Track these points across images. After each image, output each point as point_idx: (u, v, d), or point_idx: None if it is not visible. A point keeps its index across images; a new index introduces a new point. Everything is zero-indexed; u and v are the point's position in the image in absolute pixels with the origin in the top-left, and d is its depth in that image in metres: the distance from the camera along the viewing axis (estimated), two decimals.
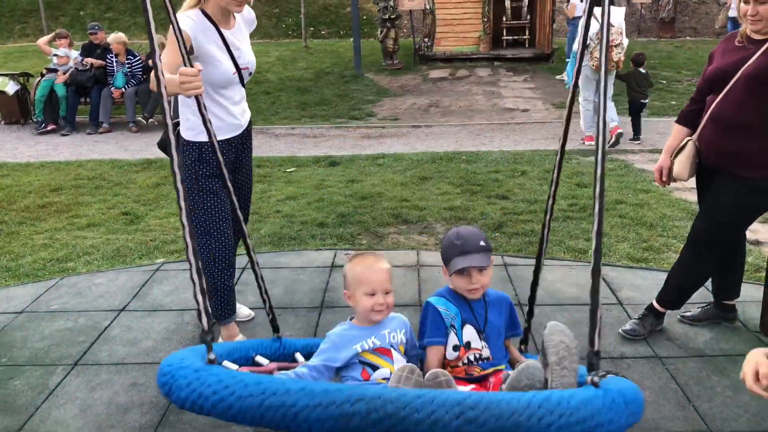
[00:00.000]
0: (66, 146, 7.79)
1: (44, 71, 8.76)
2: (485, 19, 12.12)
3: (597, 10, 5.94)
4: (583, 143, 7.35)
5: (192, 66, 2.09)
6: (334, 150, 7.36)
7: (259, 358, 2.22)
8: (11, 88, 8.66)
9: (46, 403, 2.70)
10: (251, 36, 2.97)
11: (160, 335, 3.22)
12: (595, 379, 1.54)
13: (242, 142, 2.90)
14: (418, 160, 6.65)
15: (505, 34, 12.87)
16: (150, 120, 8.60)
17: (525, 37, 12.92)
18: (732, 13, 9.66)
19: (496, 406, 1.45)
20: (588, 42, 6.79)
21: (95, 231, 4.78)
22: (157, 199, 5.53)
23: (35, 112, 8.60)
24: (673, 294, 3.12)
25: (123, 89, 8.57)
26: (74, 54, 8.77)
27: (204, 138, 2.65)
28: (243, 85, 2.85)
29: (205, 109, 2.17)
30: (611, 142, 7.04)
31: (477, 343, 2.09)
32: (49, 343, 3.15)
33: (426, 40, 12.60)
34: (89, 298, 3.63)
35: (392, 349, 2.02)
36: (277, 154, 7.12)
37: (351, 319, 2.13)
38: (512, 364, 2.14)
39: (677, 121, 3.08)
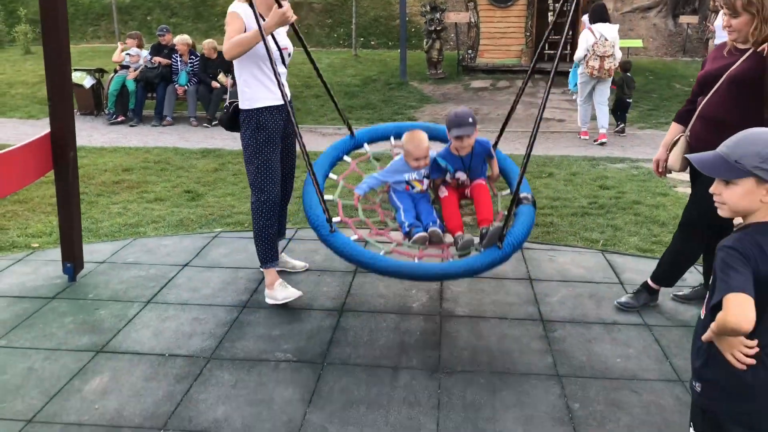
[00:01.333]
0: (134, 135, 8.56)
1: (118, 68, 9.60)
2: (528, 34, 12.54)
3: (595, 26, 6.90)
4: (579, 137, 8.45)
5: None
6: (375, 148, 7.88)
7: (346, 158, 3.75)
8: (88, 82, 9.52)
9: (125, 327, 3.29)
10: (308, 41, 3.58)
11: (217, 285, 3.79)
12: (499, 245, 3.01)
13: (287, 113, 3.43)
14: None
15: (547, 48, 13.27)
16: (214, 122, 9.19)
17: (566, 51, 13.26)
18: (718, 40, 9.95)
19: (450, 266, 3.09)
20: (585, 53, 7.82)
21: (161, 204, 5.43)
22: (215, 181, 6.17)
23: (108, 105, 9.42)
24: (665, 272, 3.52)
25: (186, 86, 9.33)
26: (144, 53, 9.59)
27: (260, 104, 3.33)
28: (284, 64, 3.44)
29: (273, 72, 3.09)
30: (595, 143, 8.29)
31: (464, 177, 3.41)
32: (126, 286, 3.76)
33: (470, 51, 13.08)
34: (158, 255, 4.24)
35: (423, 180, 3.45)
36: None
37: (410, 162, 3.41)
38: (491, 178, 3.53)
39: (674, 120, 3.50)
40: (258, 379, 2.86)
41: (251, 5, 3.10)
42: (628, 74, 8.73)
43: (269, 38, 3.21)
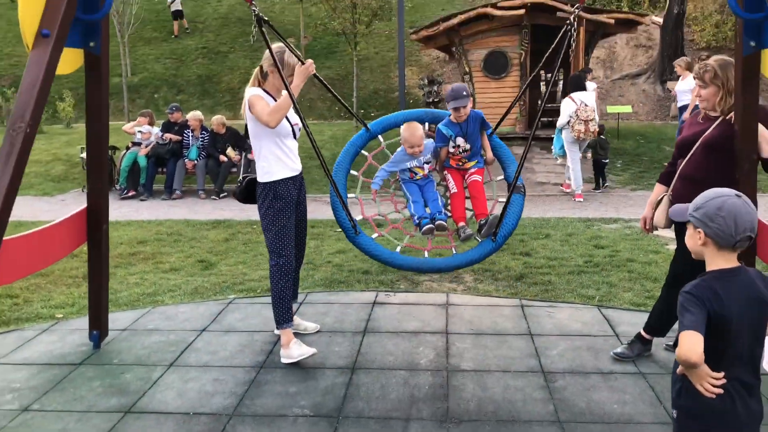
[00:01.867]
0: (145, 209, 8.91)
1: (130, 144, 10.06)
2: (521, 103, 13.11)
3: (574, 94, 7.58)
4: (574, 200, 9.09)
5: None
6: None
7: (364, 152, 4.24)
8: None
9: (150, 389, 3.49)
10: (307, 116, 4.02)
11: (234, 348, 4.00)
12: (492, 238, 3.70)
13: (300, 183, 3.88)
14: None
15: (540, 116, 13.83)
16: (222, 195, 9.63)
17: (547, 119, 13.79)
18: (680, 102, 10.69)
19: (453, 259, 3.83)
20: (568, 119, 8.61)
21: (176, 274, 5.69)
22: (226, 250, 6.46)
23: (119, 180, 9.83)
24: (656, 323, 3.75)
25: (195, 161, 9.76)
26: (155, 130, 10.08)
27: (276, 177, 3.70)
28: (295, 138, 3.85)
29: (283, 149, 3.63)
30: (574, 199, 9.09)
31: (463, 143, 3.92)
32: (149, 351, 3.98)
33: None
34: (176, 321, 4.47)
35: (424, 166, 3.99)
36: (329, 217, 7.99)
37: (407, 150, 3.93)
38: (482, 147, 4.00)
39: (658, 181, 3.82)
40: None
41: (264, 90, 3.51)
42: (602, 137, 9.52)
43: (284, 120, 3.62)
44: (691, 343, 1.78)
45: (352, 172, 4.13)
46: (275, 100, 3.67)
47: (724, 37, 17.96)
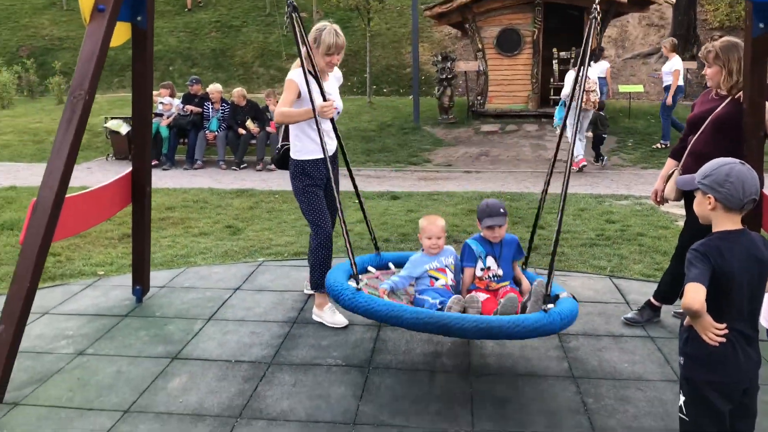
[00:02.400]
0: (168, 178, 9.18)
1: (152, 115, 10.27)
2: (534, 80, 13.24)
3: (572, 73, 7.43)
4: (574, 169, 9.34)
5: (325, 99, 3.30)
6: (395, 188, 8.47)
7: (370, 268, 3.73)
8: (124, 129, 10.21)
9: (193, 339, 3.77)
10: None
11: (267, 305, 4.28)
12: (545, 307, 2.99)
13: (332, 161, 3.92)
14: (468, 197, 7.68)
15: (552, 93, 13.96)
16: (242, 165, 9.90)
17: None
18: (664, 83, 10.96)
19: (489, 322, 2.92)
20: (569, 90, 8.91)
21: (206, 238, 5.97)
22: (252, 218, 6.73)
23: None
24: (665, 290, 3.99)
25: (216, 132, 10.00)
26: (176, 102, 10.30)
27: (306, 157, 3.84)
28: (333, 122, 3.88)
29: (318, 133, 3.46)
30: (576, 170, 9.30)
31: (494, 266, 3.53)
32: (188, 306, 4.26)
33: (479, 98, 13.79)
34: (211, 281, 4.75)
35: (446, 268, 3.52)
36: (346, 189, 8.25)
37: (422, 250, 3.49)
38: (515, 279, 3.62)
39: (669, 156, 4.03)
40: (314, 379, 3.32)
41: (307, 75, 3.49)
42: (602, 113, 9.90)
43: (318, 94, 3.58)
44: (695, 293, 2.02)
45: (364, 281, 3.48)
46: (316, 79, 3.61)
47: (738, 17, 17.90)
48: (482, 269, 3.48)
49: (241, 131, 9.93)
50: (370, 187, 8.46)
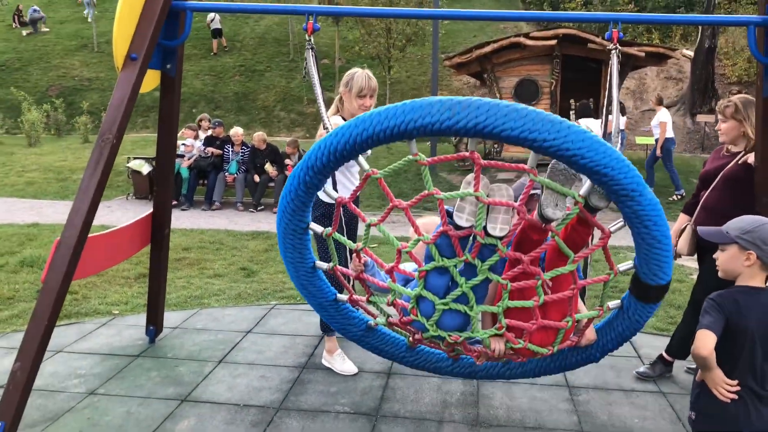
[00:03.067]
0: (186, 218, 9.32)
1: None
2: None
3: (580, 120, 7.89)
4: None
5: None
6: (408, 233, 8.50)
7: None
8: (145, 169, 10.43)
9: (203, 382, 3.80)
10: None
11: (278, 349, 4.30)
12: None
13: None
14: None
15: None
16: (259, 207, 10.07)
17: None
18: (655, 135, 11.41)
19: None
20: None
21: (221, 280, 6.04)
22: (267, 260, 6.80)
23: None
24: (677, 345, 3.96)
25: (235, 175, 10.19)
26: (198, 144, 10.54)
27: (328, 200, 3.88)
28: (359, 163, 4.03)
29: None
30: None
31: None
32: (199, 348, 4.29)
33: (495, 146, 13.92)
34: (223, 323, 4.79)
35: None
36: (360, 233, 8.33)
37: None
38: None
39: (682, 211, 4.06)
40: (322, 426, 3.32)
41: (343, 118, 3.71)
42: None
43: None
44: (703, 339, 2.04)
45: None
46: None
47: (756, 72, 18.04)
48: None
49: (257, 178, 10.08)
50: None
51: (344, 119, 3.80)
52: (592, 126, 9.54)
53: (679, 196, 10.90)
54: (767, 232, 2.14)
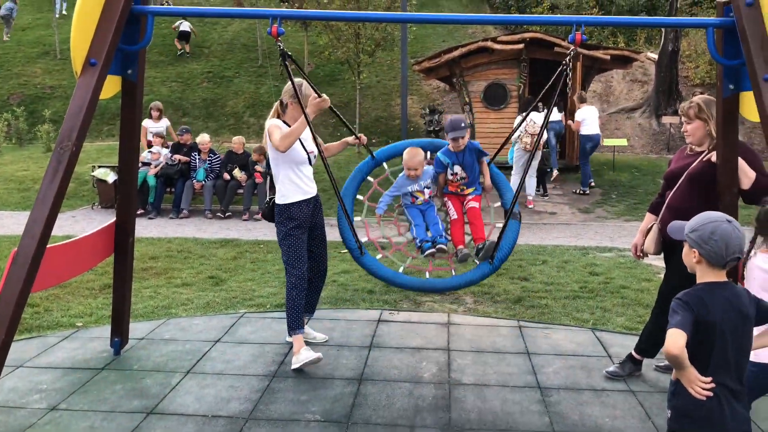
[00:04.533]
0: (153, 227, 9.16)
1: (140, 164, 10.33)
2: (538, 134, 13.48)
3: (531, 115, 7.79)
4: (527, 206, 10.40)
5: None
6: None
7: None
8: (111, 177, 10.22)
9: (170, 393, 3.71)
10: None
11: (247, 358, 4.23)
12: (489, 261, 3.99)
13: (314, 205, 4.21)
14: None
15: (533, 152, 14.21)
16: (228, 214, 9.97)
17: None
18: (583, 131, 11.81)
19: (452, 280, 4.15)
20: (518, 133, 9.93)
21: (188, 289, 5.93)
22: (235, 268, 6.70)
23: None
24: (645, 342, 4.00)
25: (203, 182, 10.04)
26: (165, 151, 10.37)
27: (290, 200, 4.04)
28: (310, 164, 4.17)
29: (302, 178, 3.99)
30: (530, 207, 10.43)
31: (460, 171, 4.15)
32: (166, 359, 4.20)
33: None
34: (191, 332, 4.69)
35: (423, 190, 4.21)
36: (333, 239, 8.27)
37: (407, 173, 4.19)
38: (482, 174, 4.23)
39: (648, 210, 4.11)
40: None
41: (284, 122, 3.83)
42: (545, 149, 11.21)
43: (297, 143, 3.96)
44: (674, 338, 2.05)
45: (358, 197, 4.39)
46: (288, 126, 4.02)
47: (717, 75, 18.45)
48: (451, 174, 4.19)
49: (226, 176, 10.01)
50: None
51: (286, 123, 4.07)
52: (535, 118, 10.27)
53: (582, 192, 11.61)
54: (707, 231, 2.17)
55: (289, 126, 4.02)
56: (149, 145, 10.62)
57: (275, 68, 20.01)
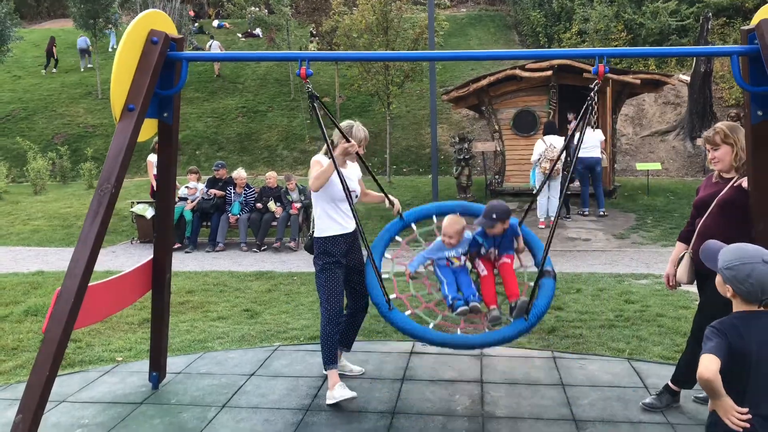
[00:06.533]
0: (190, 261, 9.36)
1: (177, 200, 10.61)
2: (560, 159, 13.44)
3: (545, 137, 8.15)
4: (539, 227, 10.56)
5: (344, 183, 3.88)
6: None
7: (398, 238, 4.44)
8: (149, 213, 10.52)
9: (206, 428, 3.77)
10: None
11: (281, 392, 4.28)
12: (525, 316, 3.81)
13: (352, 239, 4.24)
14: None
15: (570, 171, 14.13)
16: (263, 248, 10.13)
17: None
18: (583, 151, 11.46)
19: (486, 336, 3.87)
20: (538, 157, 10.29)
21: (224, 322, 6.04)
22: (269, 300, 6.80)
23: None
24: (683, 374, 3.92)
25: (238, 216, 10.26)
26: (201, 186, 10.64)
27: (327, 234, 4.11)
28: (350, 203, 4.12)
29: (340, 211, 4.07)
30: (542, 228, 10.58)
31: (494, 252, 4.08)
32: (203, 393, 4.28)
33: (497, 176, 13.99)
34: (227, 366, 4.78)
35: (460, 257, 4.13)
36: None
37: (443, 240, 4.14)
38: (517, 251, 4.17)
39: (678, 239, 4.06)
40: None
41: (330, 156, 3.91)
42: (565, 173, 10.96)
43: (338, 180, 3.98)
44: (707, 363, 2.05)
45: (386, 255, 4.33)
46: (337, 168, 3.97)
47: None
48: (485, 252, 4.14)
49: (259, 205, 10.24)
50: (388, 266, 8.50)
51: (330, 157, 4.05)
52: (555, 142, 10.44)
53: (581, 213, 11.82)
54: (743, 273, 2.16)
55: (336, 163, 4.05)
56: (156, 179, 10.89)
57: (307, 102, 20.38)
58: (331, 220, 4.12)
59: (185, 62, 3.62)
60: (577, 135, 3.78)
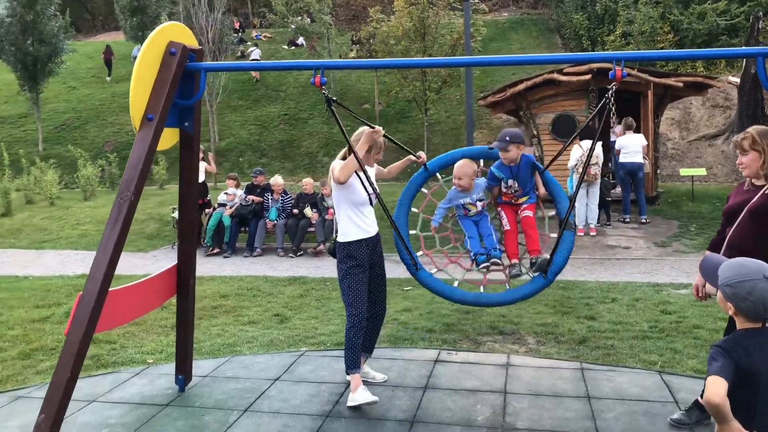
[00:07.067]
0: (228, 265, 9.53)
1: (216, 205, 10.84)
2: (594, 164, 13.16)
3: (582, 142, 7.95)
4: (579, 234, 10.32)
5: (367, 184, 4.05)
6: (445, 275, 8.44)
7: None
8: None
9: (226, 431, 3.83)
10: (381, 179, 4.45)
11: (304, 397, 4.31)
12: (543, 275, 4.00)
13: (374, 243, 4.28)
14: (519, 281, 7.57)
15: (611, 178, 13.80)
16: (299, 253, 10.25)
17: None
18: (621, 153, 11.60)
19: (506, 294, 4.12)
20: (575, 162, 10.20)
21: (254, 327, 6.12)
22: (300, 306, 6.86)
23: (205, 239, 10.56)
24: None
25: (275, 221, 10.41)
26: (239, 192, 10.84)
27: (350, 238, 4.14)
28: (372, 206, 4.24)
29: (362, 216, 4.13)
30: (582, 235, 10.54)
31: (515, 185, 4.14)
32: (227, 396, 4.35)
33: None
34: (253, 370, 4.84)
35: (476, 203, 4.24)
36: (396, 276, 8.33)
37: (453, 182, 4.24)
38: (536, 186, 4.22)
39: (708, 248, 3.93)
40: None
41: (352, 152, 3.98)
42: (605, 178, 11.37)
43: (359, 184, 4.12)
44: (714, 387, 1.96)
45: (413, 209, 4.45)
46: (357, 174, 4.10)
47: None
48: (505, 187, 4.19)
49: (296, 211, 10.36)
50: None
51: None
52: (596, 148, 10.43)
53: (622, 220, 11.65)
54: (744, 290, 2.07)
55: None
56: None
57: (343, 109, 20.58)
58: (354, 224, 4.16)
59: (203, 72, 3.71)
60: (588, 143, 3.78)
